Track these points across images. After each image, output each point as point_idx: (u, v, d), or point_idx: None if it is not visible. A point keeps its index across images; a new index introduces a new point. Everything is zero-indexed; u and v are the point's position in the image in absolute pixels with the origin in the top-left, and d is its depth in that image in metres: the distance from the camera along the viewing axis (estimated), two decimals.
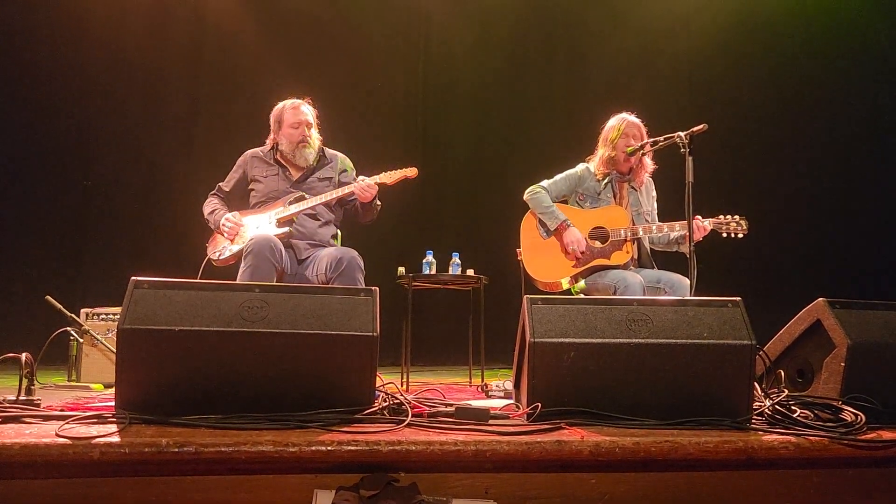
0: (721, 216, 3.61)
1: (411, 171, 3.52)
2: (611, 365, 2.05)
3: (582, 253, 3.60)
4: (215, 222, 3.53)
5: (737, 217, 3.60)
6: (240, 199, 3.66)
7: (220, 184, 3.70)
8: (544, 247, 3.71)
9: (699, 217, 3.54)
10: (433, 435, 1.81)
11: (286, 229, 3.38)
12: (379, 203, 3.56)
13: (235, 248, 3.38)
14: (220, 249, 3.46)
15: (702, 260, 3.45)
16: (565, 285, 3.69)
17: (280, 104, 3.66)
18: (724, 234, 3.60)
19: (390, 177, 3.49)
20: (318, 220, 3.55)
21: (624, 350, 2.05)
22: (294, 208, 3.43)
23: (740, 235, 3.59)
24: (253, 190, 3.61)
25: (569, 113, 6.61)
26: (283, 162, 3.61)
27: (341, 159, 3.74)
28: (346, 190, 3.48)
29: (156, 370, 1.90)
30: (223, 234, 3.47)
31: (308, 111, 3.62)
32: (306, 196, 3.49)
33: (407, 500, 1.68)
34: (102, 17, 6.12)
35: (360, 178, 3.48)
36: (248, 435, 1.72)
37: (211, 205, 3.64)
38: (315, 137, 3.62)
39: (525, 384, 2.10)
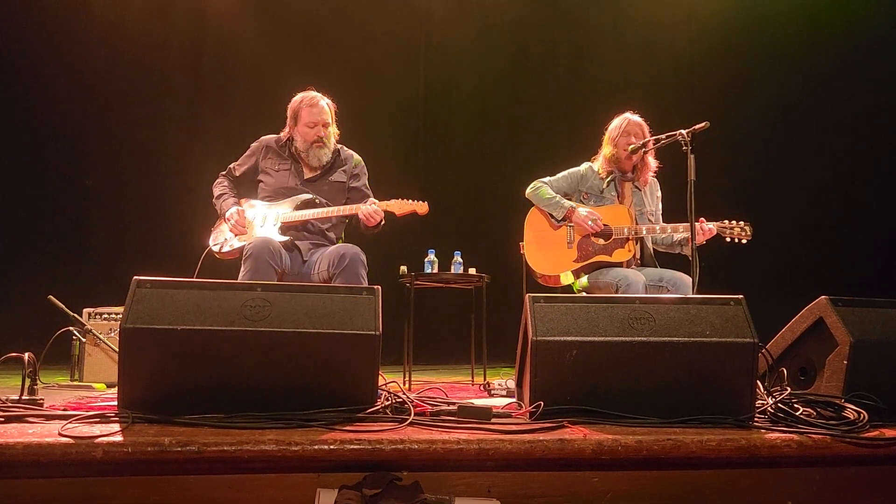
0: (726, 220, 3.60)
1: (422, 209, 3.41)
2: (613, 363, 2.05)
3: (599, 222, 3.60)
4: (221, 209, 3.48)
5: (741, 223, 3.59)
6: (249, 185, 3.59)
7: (233, 164, 3.60)
8: (548, 241, 3.72)
9: (703, 219, 3.54)
10: (436, 434, 1.81)
11: (288, 238, 3.34)
12: (383, 222, 3.43)
13: (238, 243, 3.36)
14: (222, 242, 3.42)
15: (704, 258, 3.44)
16: (566, 280, 3.69)
17: (298, 97, 3.51)
18: (728, 239, 3.59)
19: (400, 208, 3.38)
20: (324, 222, 3.51)
21: (626, 348, 2.05)
22: (299, 214, 3.38)
23: (744, 241, 3.57)
24: (262, 182, 3.52)
25: (570, 111, 6.61)
26: (296, 157, 3.51)
27: (356, 161, 3.62)
28: (352, 210, 3.38)
29: (158, 369, 1.90)
30: (227, 224, 3.44)
31: (326, 108, 3.48)
32: (316, 199, 3.43)
33: (410, 499, 1.68)
34: (103, 15, 6.13)
35: (371, 201, 3.37)
36: (250, 434, 1.72)
37: (220, 187, 3.56)
38: (332, 135, 3.50)
39: (527, 383, 2.09)
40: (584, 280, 3.69)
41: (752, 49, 6.67)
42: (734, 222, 3.58)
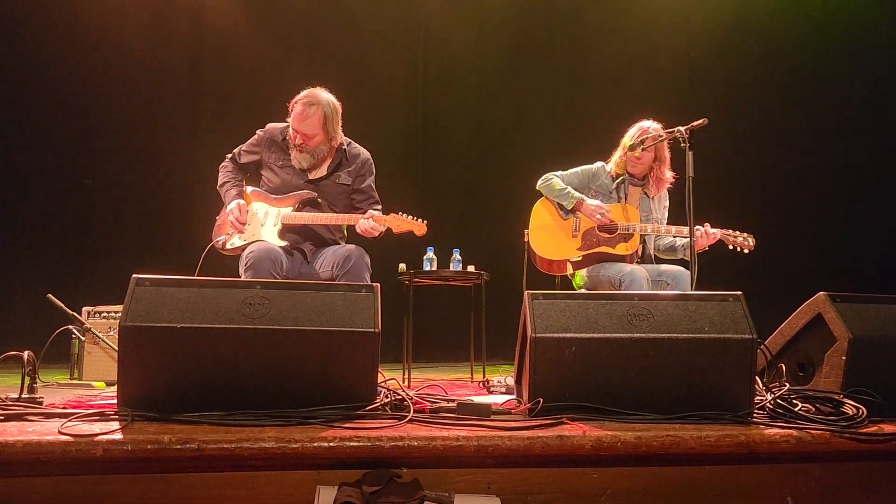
0: (730, 230, 3.67)
1: (420, 230, 3.32)
2: (612, 360, 2.05)
3: (607, 215, 3.65)
4: (225, 200, 3.45)
5: (745, 233, 3.66)
6: (253, 173, 3.55)
7: (240, 148, 3.53)
8: (553, 228, 3.78)
9: (708, 224, 3.58)
10: (435, 430, 1.81)
11: (287, 243, 3.33)
12: (383, 231, 3.36)
13: (240, 242, 3.35)
14: (224, 239, 3.40)
15: (703, 254, 3.46)
16: (569, 268, 3.73)
17: (301, 94, 3.35)
18: (731, 247, 3.67)
19: (398, 225, 3.30)
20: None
21: (625, 345, 2.05)
22: (299, 216, 3.33)
23: (746, 251, 3.66)
24: (264, 176, 3.48)
25: (569, 109, 6.62)
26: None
27: (362, 160, 3.52)
28: (352, 221, 3.32)
29: (158, 367, 1.90)
30: (229, 218, 3.41)
31: (315, 115, 3.29)
32: (318, 199, 3.39)
33: (409, 496, 1.68)
34: (103, 15, 6.12)
35: (370, 212, 3.30)
36: (250, 431, 1.72)
37: (224, 173, 3.51)
38: (329, 141, 3.37)
39: (526, 379, 2.10)
40: (584, 273, 3.71)
41: (750, 47, 6.68)
42: (738, 232, 3.65)
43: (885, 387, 2.18)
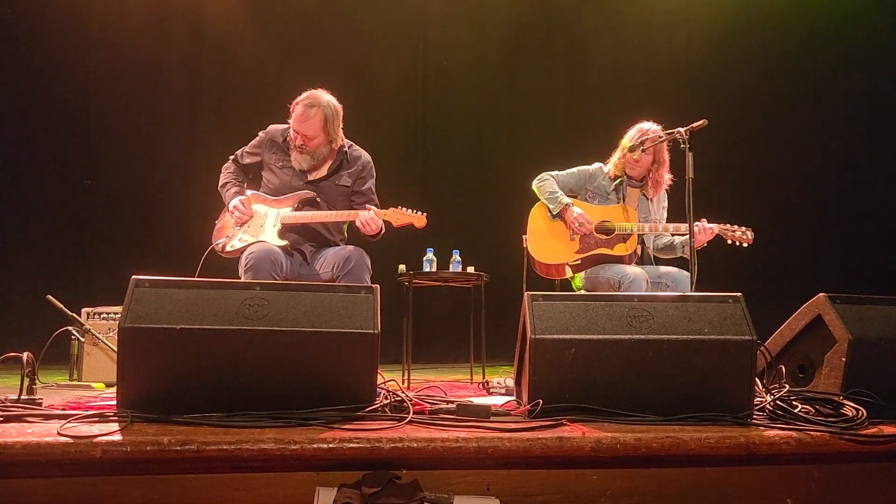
0: (728, 224, 3.65)
1: (420, 222, 3.35)
2: (612, 361, 2.05)
3: (587, 226, 3.63)
4: (225, 199, 3.46)
5: (743, 227, 3.65)
6: (255, 175, 3.57)
7: (242, 150, 3.54)
8: (551, 232, 3.76)
9: (705, 220, 3.57)
10: (434, 432, 1.81)
11: (286, 242, 3.34)
12: (384, 231, 3.38)
13: (239, 244, 3.35)
14: (224, 241, 3.40)
15: (702, 255, 3.46)
16: (568, 272, 3.72)
17: (303, 95, 3.37)
18: (730, 242, 3.65)
19: (397, 218, 3.33)
20: (324, 223, 3.50)
21: (625, 346, 2.05)
22: (299, 215, 3.34)
23: (745, 245, 3.64)
24: (265, 177, 3.49)
25: (568, 110, 6.62)
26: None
27: (363, 163, 3.52)
28: (351, 216, 3.34)
29: (157, 369, 1.90)
30: (232, 216, 3.41)
31: (316, 117, 3.29)
32: (318, 198, 3.40)
33: (409, 498, 1.68)
34: (103, 15, 6.13)
35: (369, 206, 3.33)
36: (249, 433, 1.72)
37: (226, 174, 3.53)
38: (329, 143, 3.39)
39: (526, 381, 2.09)
40: (583, 274, 3.71)
41: (749, 47, 6.68)
42: (736, 226, 3.63)
43: (885, 388, 2.18)
